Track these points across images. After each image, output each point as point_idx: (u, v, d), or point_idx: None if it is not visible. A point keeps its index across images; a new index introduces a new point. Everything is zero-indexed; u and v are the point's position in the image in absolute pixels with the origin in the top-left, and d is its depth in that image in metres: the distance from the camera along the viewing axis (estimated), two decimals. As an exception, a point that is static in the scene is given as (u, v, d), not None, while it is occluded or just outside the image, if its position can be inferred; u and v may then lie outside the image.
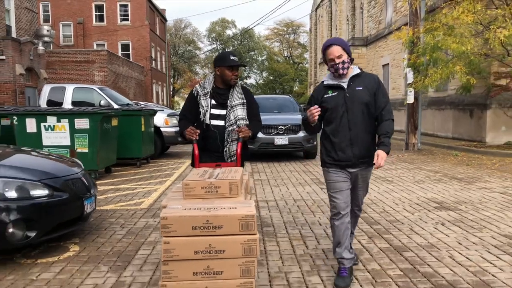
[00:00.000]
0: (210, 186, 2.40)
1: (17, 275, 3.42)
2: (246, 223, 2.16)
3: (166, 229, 2.12)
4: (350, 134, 3.14)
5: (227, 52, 3.49)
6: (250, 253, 2.17)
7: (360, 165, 3.19)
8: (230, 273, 2.17)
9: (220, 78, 3.45)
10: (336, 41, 3.20)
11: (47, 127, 7.77)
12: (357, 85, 3.17)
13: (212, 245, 2.14)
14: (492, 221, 4.80)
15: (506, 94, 12.32)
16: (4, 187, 3.52)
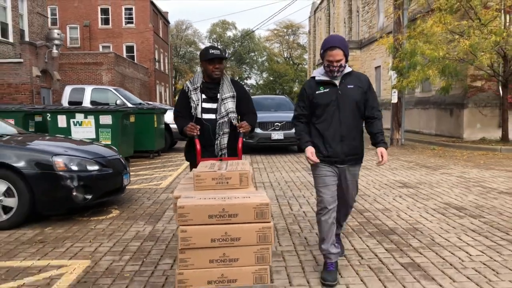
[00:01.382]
0: (220, 177, 2.42)
1: (79, 226, 4.72)
2: (260, 211, 2.18)
3: (182, 218, 2.12)
4: (340, 131, 3.19)
5: (208, 47, 3.55)
6: (265, 240, 2.19)
7: (349, 162, 3.25)
8: (245, 260, 2.18)
9: (205, 73, 3.50)
10: (340, 44, 3.19)
11: (75, 123, 9.07)
12: (348, 83, 3.23)
13: (228, 233, 2.15)
14: (439, 195, 6.10)
15: (481, 95, 13.63)
16: (69, 162, 4.82)
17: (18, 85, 18.19)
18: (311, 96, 3.26)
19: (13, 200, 4.61)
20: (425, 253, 3.73)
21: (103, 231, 4.53)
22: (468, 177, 7.49)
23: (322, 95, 3.22)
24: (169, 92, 47.50)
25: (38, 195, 4.66)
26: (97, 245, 4.08)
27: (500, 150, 11.18)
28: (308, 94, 3.28)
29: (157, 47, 40.55)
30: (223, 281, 2.17)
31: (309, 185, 6.97)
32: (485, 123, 13.62)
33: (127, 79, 29.44)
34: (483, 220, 4.75)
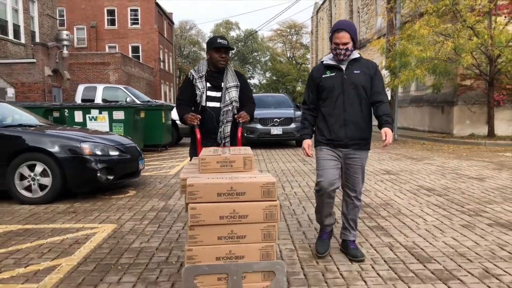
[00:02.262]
0: (225, 161, 2.46)
1: (103, 202, 5.56)
2: (267, 190, 2.22)
3: (192, 195, 2.16)
4: (344, 115, 3.23)
5: (216, 36, 3.61)
6: (271, 218, 2.22)
7: (352, 146, 3.27)
8: (252, 237, 2.22)
9: (210, 62, 3.55)
10: (347, 26, 3.25)
11: (91, 118, 9.93)
12: (355, 68, 3.25)
13: (236, 211, 2.19)
14: (416, 180, 6.91)
15: (470, 93, 14.40)
16: (94, 148, 5.66)
17: (31, 84, 19.09)
18: (318, 80, 3.33)
19: (48, 179, 5.46)
20: (390, 220, 4.55)
21: (123, 205, 5.37)
22: (447, 166, 8.29)
23: (328, 79, 3.28)
24: (173, 91, 48.38)
25: (68, 175, 5.51)
26: (120, 214, 4.92)
27: (484, 144, 11.97)
28: (315, 77, 3.36)
29: (162, 47, 41.44)
30: (231, 257, 2.22)
31: (302, 173, 7.78)
32: (474, 120, 14.39)
33: (133, 79, 30.33)
34: (446, 197, 5.56)
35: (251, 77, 75.76)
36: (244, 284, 2.21)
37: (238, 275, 2.19)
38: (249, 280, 2.21)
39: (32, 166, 5.47)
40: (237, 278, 2.19)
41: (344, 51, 3.20)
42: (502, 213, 4.72)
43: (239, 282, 2.19)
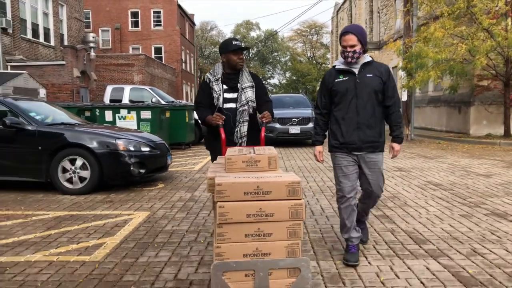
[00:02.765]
0: (250, 160, 2.51)
1: (135, 193, 6.16)
2: (293, 189, 2.27)
3: (220, 194, 2.22)
4: (357, 119, 3.27)
5: (229, 39, 3.73)
6: (296, 216, 2.28)
7: (366, 149, 3.31)
8: (278, 235, 2.27)
9: (227, 64, 3.64)
10: (353, 29, 3.32)
11: (120, 117, 10.61)
12: (367, 72, 3.28)
13: (262, 209, 2.24)
14: (426, 176, 7.31)
15: (487, 93, 14.59)
16: (128, 144, 6.28)
17: (60, 85, 20.03)
18: (331, 84, 3.37)
19: (87, 172, 6.09)
20: (395, 210, 5.00)
21: (154, 196, 5.97)
22: (458, 164, 8.63)
23: (340, 83, 3.32)
24: (194, 91, 49.27)
25: (105, 168, 6.13)
26: (152, 204, 5.51)
27: (499, 144, 12.19)
28: (328, 82, 3.39)
29: (184, 48, 42.31)
30: (257, 254, 2.27)
31: (318, 169, 8.26)
32: (491, 120, 14.57)
33: (156, 79, 31.20)
34: (452, 192, 5.97)
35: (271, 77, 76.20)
36: (271, 280, 2.26)
37: (265, 272, 2.25)
38: (275, 276, 2.27)
39: (73, 160, 6.11)
40: (263, 275, 2.24)
41: (352, 53, 3.25)
42: (500, 205, 5.12)
43: (265, 278, 2.24)
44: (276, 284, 2.25)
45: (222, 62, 3.70)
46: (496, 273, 3.12)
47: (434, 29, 11.48)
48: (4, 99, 6.43)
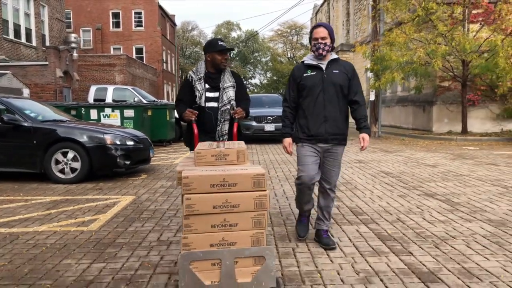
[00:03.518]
0: (219, 154, 2.55)
1: (122, 182, 6.92)
2: (257, 181, 2.33)
3: (187, 187, 2.26)
4: (324, 112, 3.44)
5: (215, 39, 3.78)
6: (261, 207, 2.34)
7: (331, 141, 3.49)
8: (244, 225, 2.33)
9: (211, 63, 3.70)
10: (324, 24, 3.51)
11: (104, 115, 11.30)
12: (334, 68, 3.46)
13: (228, 200, 2.29)
14: (380, 166, 8.25)
15: (448, 93, 15.75)
16: (114, 138, 7.03)
17: (43, 85, 20.47)
18: (299, 78, 3.51)
19: (78, 164, 6.82)
20: (345, 192, 5.90)
21: (138, 184, 6.74)
22: (412, 157, 9.63)
23: (308, 78, 3.47)
24: (176, 91, 49.78)
25: (94, 160, 6.87)
26: (137, 190, 6.29)
27: (455, 140, 13.30)
28: (297, 76, 3.54)
29: (165, 48, 42.83)
30: (223, 244, 2.32)
31: (287, 162, 9.15)
32: (451, 118, 15.73)
33: (138, 79, 31.72)
34: (398, 178, 6.92)
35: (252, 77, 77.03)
36: (237, 268, 2.32)
37: (231, 261, 2.31)
38: (241, 265, 2.33)
39: (65, 153, 6.84)
40: (229, 263, 2.30)
41: (323, 45, 3.40)
42: (434, 188, 6.08)
43: (231, 267, 2.30)
44: (242, 272, 2.32)
45: (205, 61, 3.75)
46: (409, 232, 4.03)
47: (396, 34, 12.54)
48: (1, 98, 7.11)
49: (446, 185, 6.25)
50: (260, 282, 2.31)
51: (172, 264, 3.29)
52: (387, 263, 3.25)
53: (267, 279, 2.33)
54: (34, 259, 3.45)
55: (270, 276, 2.34)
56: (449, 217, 4.55)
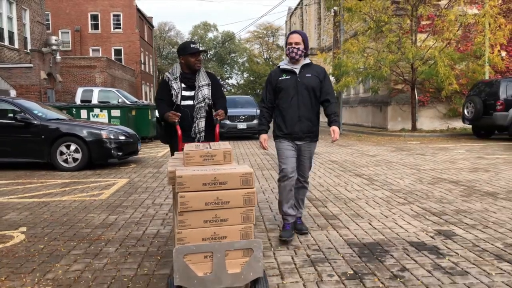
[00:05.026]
0: (207, 155, 2.70)
1: (116, 170, 8.41)
2: (246, 179, 2.48)
3: (181, 185, 2.41)
4: (298, 112, 3.70)
5: (187, 42, 3.97)
6: (249, 203, 2.50)
7: (306, 139, 3.78)
8: (233, 220, 2.48)
9: (185, 65, 3.89)
10: (299, 31, 3.80)
11: (93, 115, 12.70)
12: (307, 72, 3.74)
13: (219, 198, 2.44)
14: (330, 157, 9.97)
15: (401, 95, 17.69)
16: (109, 133, 8.51)
17: (28, 86, 21.53)
18: (275, 82, 3.82)
19: (79, 155, 8.28)
20: (295, 174, 7.56)
21: (130, 171, 8.25)
22: (360, 150, 11.41)
23: (284, 81, 3.78)
24: (153, 92, 50.85)
25: (92, 152, 8.33)
26: (129, 175, 7.80)
27: (404, 136, 15.21)
28: (273, 80, 3.85)
29: (143, 50, 43.93)
30: (215, 238, 2.45)
31: (255, 155, 10.78)
32: (404, 117, 17.68)
33: (117, 80, 32.85)
34: (340, 165, 8.63)
35: (229, 78, 78.35)
36: (227, 260, 2.45)
37: (222, 253, 2.43)
38: (231, 256, 2.46)
39: (68, 146, 8.28)
40: (220, 256, 2.43)
41: (296, 50, 3.71)
42: (364, 171, 7.80)
43: (222, 259, 2.43)
44: (232, 264, 2.47)
45: (180, 63, 3.96)
46: (330, 196, 5.70)
47: (351, 43, 14.35)
48: (13, 100, 8.51)
49: (375, 169, 7.99)
50: (249, 272, 2.48)
51: (164, 216, 4.86)
52: (308, 212, 4.91)
53: (255, 269, 2.49)
54: (67, 214, 4.96)
55: (258, 267, 2.50)
56: (364, 188, 6.26)
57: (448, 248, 3.60)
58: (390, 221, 4.46)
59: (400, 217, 4.60)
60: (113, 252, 3.64)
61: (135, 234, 4.17)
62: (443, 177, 6.96)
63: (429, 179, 6.81)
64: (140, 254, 3.60)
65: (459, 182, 6.54)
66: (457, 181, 6.59)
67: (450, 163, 8.54)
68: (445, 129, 17.40)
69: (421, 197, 5.58)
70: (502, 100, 12.63)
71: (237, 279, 2.45)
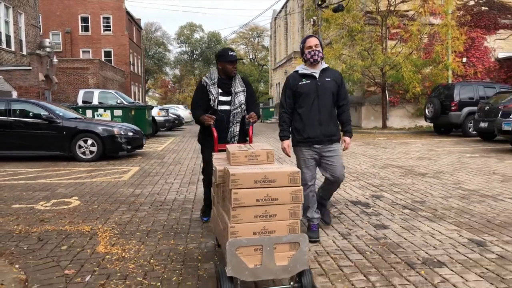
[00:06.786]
0: (252, 155, 2.88)
1: (126, 161, 10.01)
2: (293, 178, 2.62)
3: (234, 183, 2.55)
4: (319, 116, 3.81)
5: (226, 49, 4.15)
6: (296, 200, 2.63)
7: (326, 142, 3.86)
8: (282, 216, 2.62)
9: (222, 71, 4.09)
10: (315, 35, 3.99)
11: (98, 115, 14.23)
12: (326, 76, 3.84)
13: (269, 195, 2.58)
14: (307, 150, 11.71)
15: (374, 96, 19.58)
16: (120, 130, 10.10)
17: (27, 87, 22.84)
18: (295, 87, 3.85)
19: (95, 148, 9.85)
20: (276, 162, 9.28)
21: (138, 161, 9.86)
22: (333, 144, 13.15)
23: (304, 86, 3.81)
24: (142, 92, 52.14)
25: (106, 145, 9.91)
26: (139, 164, 9.41)
27: (375, 133, 17.07)
28: (292, 85, 3.87)
29: (132, 51, 45.22)
30: (264, 232, 2.61)
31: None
32: (376, 116, 19.58)
33: (108, 81, 34.18)
34: (314, 156, 10.35)
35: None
36: (275, 253, 2.60)
37: (271, 246, 2.59)
38: (279, 250, 2.61)
39: (85, 140, 9.85)
40: (270, 249, 2.59)
41: (318, 52, 3.80)
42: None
43: (271, 252, 2.59)
44: (280, 256, 2.60)
45: (217, 68, 4.15)
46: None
47: (326, 51, 16.13)
48: (38, 102, 10.06)
49: (341, 159, 9.74)
50: (296, 265, 2.62)
51: (176, 189, 6.52)
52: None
53: (301, 262, 2.63)
54: (102, 189, 6.59)
55: (304, 260, 2.64)
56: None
57: (375, 204, 5.36)
58: (341, 190, 6.18)
59: (349, 188, 6.35)
60: (147, 209, 5.30)
61: (160, 199, 5.83)
62: (393, 164, 8.76)
63: (381, 165, 8.60)
64: (167, 209, 5.27)
65: (403, 167, 8.34)
66: (402, 166, 8.39)
67: (403, 154, 10.37)
68: (413, 127, 19.35)
69: (370, 176, 7.35)
70: (456, 101, 14.57)
71: (284, 271, 2.61)
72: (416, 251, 3.65)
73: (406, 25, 17.00)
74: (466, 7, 19.91)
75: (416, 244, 3.81)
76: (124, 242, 3.97)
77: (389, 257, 3.52)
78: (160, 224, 4.59)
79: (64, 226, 4.52)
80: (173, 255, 3.64)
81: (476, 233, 4.10)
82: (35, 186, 6.87)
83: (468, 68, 19.43)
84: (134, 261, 3.50)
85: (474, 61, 19.95)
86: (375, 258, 3.50)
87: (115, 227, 4.48)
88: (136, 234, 4.23)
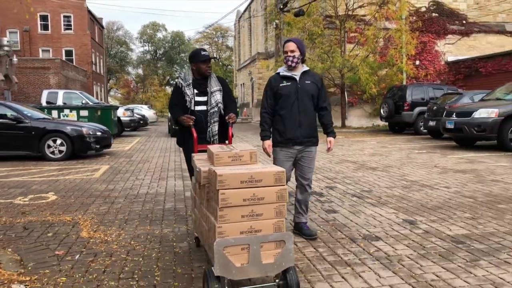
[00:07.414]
0: (235, 155, 2.91)
1: (95, 159, 10.31)
2: (279, 177, 2.67)
3: (221, 183, 2.58)
4: (299, 118, 3.87)
5: (198, 49, 4.17)
6: (282, 199, 2.69)
7: (306, 143, 3.95)
8: (268, 215, 2.67)
9: (196, 71, 4.10)
10: (294, 39, 3.96)
11: (63, 115, 14.35)
12: (306, 79, 3.92)
13: (255, 194, 2.63)
14: (270, 148, 12.36)
15: (334, 97, 20.46)
16: (88, 130, 10.39)
17: (-14, 87, 22.40)
18: (276, 88, 3.91)
19: (64, 147, 10.10)
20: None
21: (107, 160, 10.18)
22: (295, 143, 13.89)
23: (284, 88, 3.88)
24: (105, 91, 51.44)
25: (75, 145, 10.18)
26: (108, 162, 9.74)
27: (334, 131, 17.96)
28: (273, 86, 3.94)
29: (94, 51, 44.60)
30: (251, 231, 2.65)
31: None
32: (336, 116, 20.47)
33: (70, 81, 33.71)
34: (276, 153, 11.01)
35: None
36: (262, 252, 2.66)
37: (257, 245, 2.64)
38: (265, 248, 2.67)
39: (54, 140, 10.08)
40: (256, 248, 2.64)
41: (292, 58, 3.84)
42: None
43: (258, 250, 2.64)
44: (266, 255, 2.67)
45: (191, 69, 4.15)
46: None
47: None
48: (5, 103, 10.19)
49: (301, 155, 10.44)
50: (281, 262, 2.68)
51: (147, 184, 6.97)
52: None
53: (287, 259, 2.69)
54: (76, 185, 6.95)
55: (289, 257, 2.70)
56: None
57: (328, 193, 6.04)
58: (299, 183, 6.84)
59: (307, 181, 7.01)
60: (122, 201, 5.75)
61: (133, 193, 6.29)
62: (348, 159, 9.54)
63: (336, 161, 9.36)
64: (140, 201, 5.74)
65: (356, 162, 9.13)
66: (355, 161, 9.18)
67: (359, 151, 11.20)
68: (370, 126, 20.43)
69: (326, 170, 8.06)
70: (409, 102, 15.64)
71: (270, 269, 2.67)
72: (359, 229, 4.33)
73: (363, 30, 17.99)
74: (418, 13, 21.22)
75: (359, 224, 4.50)
76: (105, 229, 4.44)
77: (336, 234, 4.18)
78: (136, 214, 5.07)
79: (46, 217, 4.92)
80: (151, 238, 4.15)
81: (410, 214, 4.84)
82: (9, 183, 7.14)
83: (421, 70, 20.72)
84: (117, 243, 3.99)
85: (426, 64, 21.29)
86: (324, 235, 4.15)
87: (94, 217, 4.92)
88: (115, 222, 4.71)
